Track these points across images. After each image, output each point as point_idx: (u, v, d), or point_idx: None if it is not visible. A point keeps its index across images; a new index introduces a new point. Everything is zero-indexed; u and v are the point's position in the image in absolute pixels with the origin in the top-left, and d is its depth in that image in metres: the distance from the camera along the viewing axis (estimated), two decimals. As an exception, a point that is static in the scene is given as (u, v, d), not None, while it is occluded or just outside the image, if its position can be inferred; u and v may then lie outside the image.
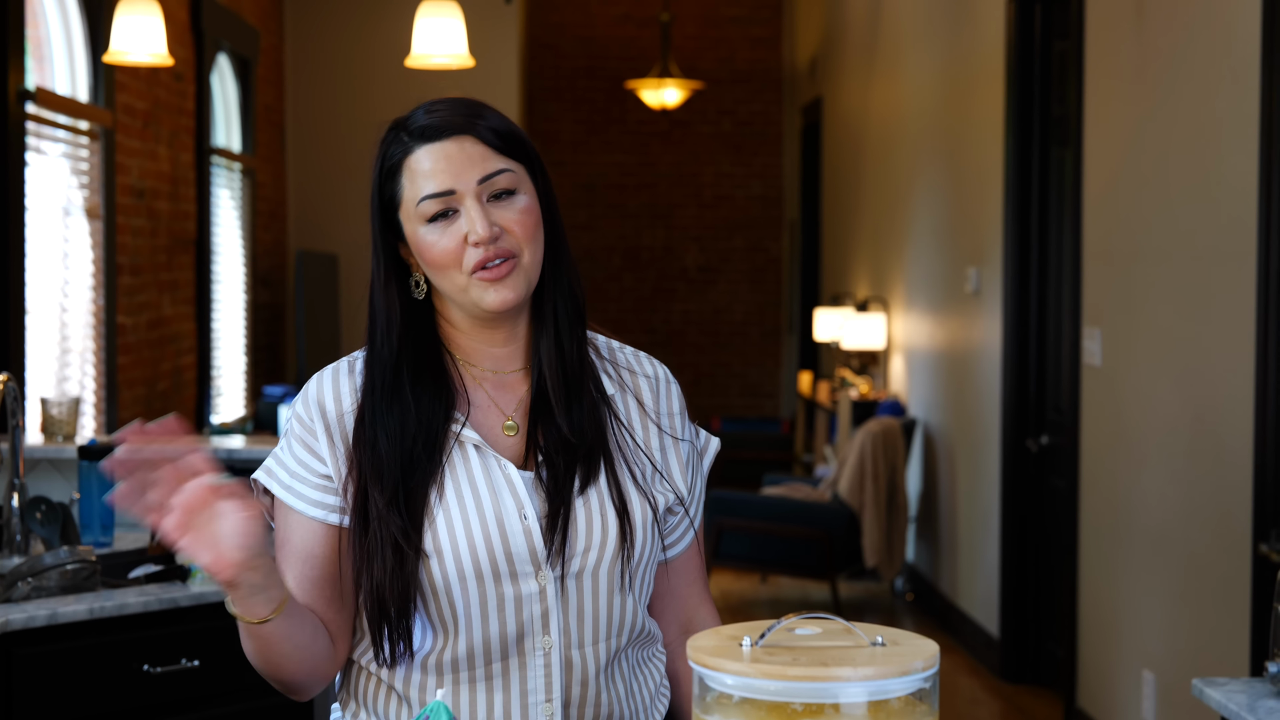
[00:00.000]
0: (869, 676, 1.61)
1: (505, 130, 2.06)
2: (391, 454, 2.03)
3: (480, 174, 2.03)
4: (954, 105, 7.86)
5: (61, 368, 6.24)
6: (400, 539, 2.00)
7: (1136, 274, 5.34)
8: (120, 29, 5.21)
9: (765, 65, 14.32)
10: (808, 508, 8.39)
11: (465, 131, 2.04)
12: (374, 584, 2.00)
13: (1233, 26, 4.51)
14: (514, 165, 2.06)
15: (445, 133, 2.04)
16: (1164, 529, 5.12)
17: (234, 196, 9.10)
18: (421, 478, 2.03)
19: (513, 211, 2.04)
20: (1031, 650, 6.80)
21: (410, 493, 2.02)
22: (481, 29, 8.57)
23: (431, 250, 2.04)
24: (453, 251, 2.03)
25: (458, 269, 2.03)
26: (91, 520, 4.08)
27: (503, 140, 2.06)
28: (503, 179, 2.04)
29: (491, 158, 2.04)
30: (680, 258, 14.35)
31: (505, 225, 2.03)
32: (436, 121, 2.05)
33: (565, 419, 2.07)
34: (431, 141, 2.05)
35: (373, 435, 2.04)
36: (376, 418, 2.05)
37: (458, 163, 2.03)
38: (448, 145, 2.04)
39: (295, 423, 2.09)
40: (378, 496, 2.01)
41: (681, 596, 2.25)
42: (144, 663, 3.58)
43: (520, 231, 2.04)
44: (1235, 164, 4.48)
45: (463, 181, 2.03)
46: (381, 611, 2.01)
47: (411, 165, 2.05)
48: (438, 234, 2.04)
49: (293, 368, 10.28)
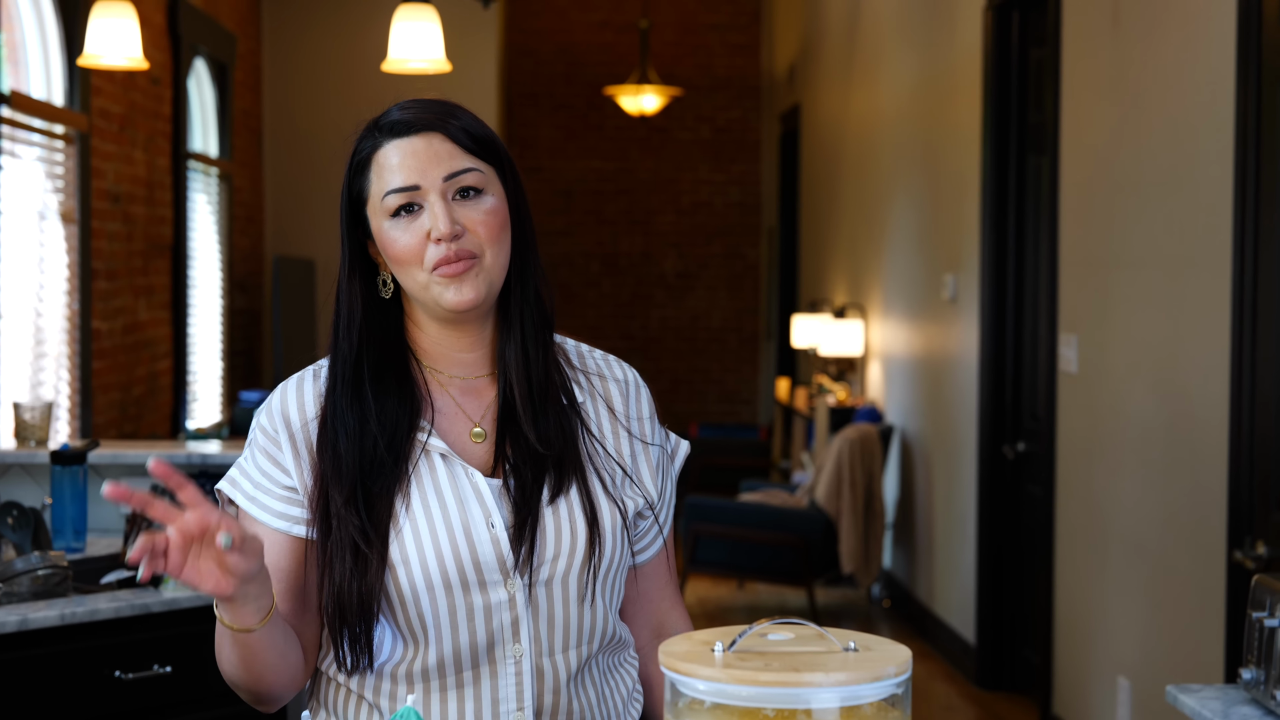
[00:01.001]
0: (841, 682, 1.61)
1: (476, 131, 2.06)
2: (350, 453, 2.01)
3: (446, 171, 2.02)
4: (931, 112, 7.88)
5: (36, 372, 6.22)
6: (359, 539, 1.98)
7: (1112, 281, 5.35)
8: (95, 32, 5.20)
9: (744, 72, 14.33)
10: (785, 514, 8.39)
11: (435, 129, 2.04)
12: (334, 587, 1.99)
13: (1208, 35, 4.53)
14: (483, 166, 2.05)
15: (415, 129, 2.04)
16: (1140, 536, 5.12)
17: (210, 201, 9.07)
18: (385, 483, 2.02)
19: (477, 212, 2.03)
20: (1007, 657, 6.80)
21: (371, 495, 2.01)
22: (459, 34, 8.56)
23: (394, 246, 2.03)
24: (414, 248, 2.02)
25: (419, 266, 2.02)
26: (64, 525, 4.07)
27: (473, 140, 2.05)
28: (469, 177, 2.03)
29: (460, 156, 2.04)
30: (658, 264, 14.36)
31: (469, 224, 2.02)
32: (408, 118, 2.05)
33: (532, 428, 2.06)
34: (401, 137, 2.04)
35: (333, 435, 2.03)
36: (337, 416, 2.04)
37: (424, 158, 2.02)
38: (416, 141, 2.03)
39: (259, 433, 2.07)
40: (336, 496, 2.00)
41: (653, 601, 2.24)
42: (116, 669, 3.56)
43: (484, 232, 2.03)
44: (1210, 171, 4.49)
45: (428, 177, 2.02)
46: (341, 617, 1.99)
47: (379, 160, 2.05)
48: (401, 229, 2.03)
49: (269, 373, 10.25)
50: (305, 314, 10.05)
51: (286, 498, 2.05)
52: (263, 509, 2.05)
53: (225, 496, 2.10)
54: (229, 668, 2.01)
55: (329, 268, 10.21)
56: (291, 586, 2.04)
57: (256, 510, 2.05)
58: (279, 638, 1.97)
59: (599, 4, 14.24)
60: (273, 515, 2.05)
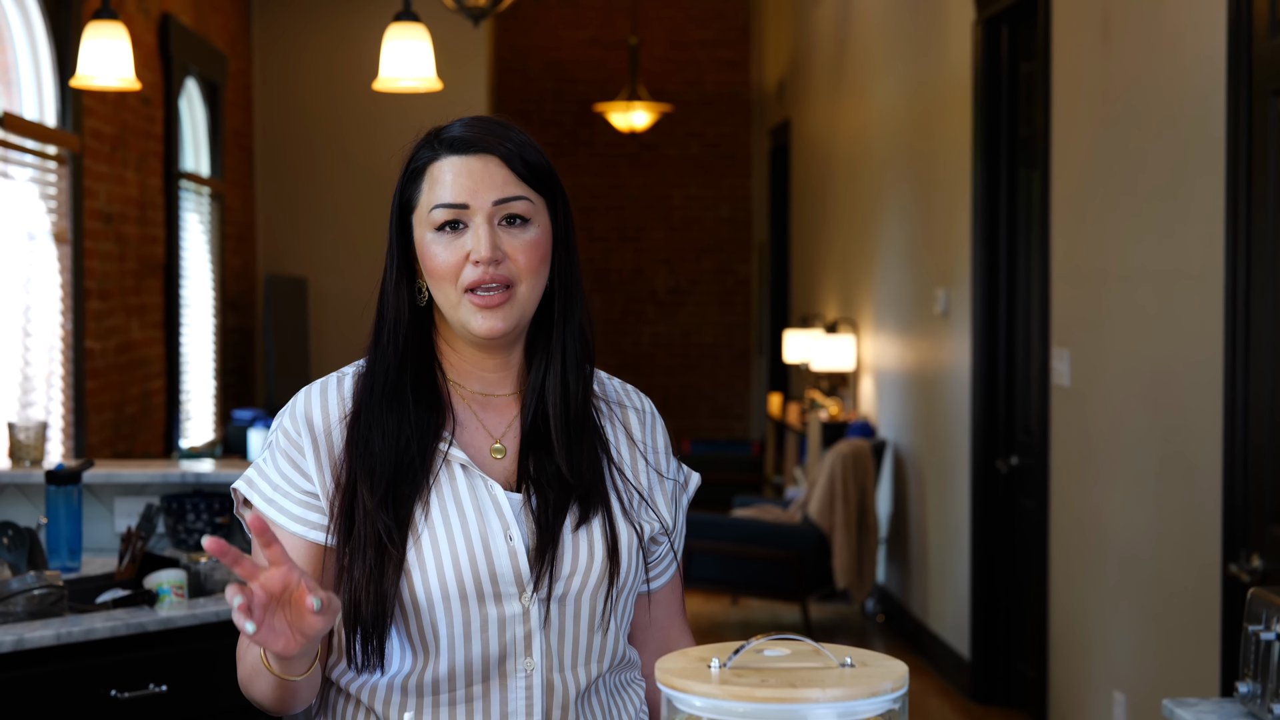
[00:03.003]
0: (838, 698, 1.61)
1: (535, 161, 2.07)
2: (386, 454, 2.03)
3: (497, 195, 2.04)
4: (922, 127, 7.89)
5: (27, 393, 6.21)
6: (385, 537, 1.99)
7: (1105, 295, 5.36)
8: (88, 53, 5.20)
9: (733, 88, 14.35)
10: (778, 529, 8.39)
11: (494, 152, 2.05)
12: (352, 585, 2.00)
13: (1198, 48, 4.54)
14: (534, 196, 2.06)
15: (474, 148, 2.05)
16: (1134, 549, 5.13)
17: (202, 221, 9.07)
18: (410, 488, 2.03)
19: (520, 240, 2.04)
20: (1002, 671, 6.80)
21: (399, 498, 2.02)
22: (449, 51, 8.57)
23: (434, 260, 2.04)
24: (453, 265, 2.03)
25: (453, 283, 2.04)
26: (59, 545, 4.06)
27: (529, 169, 2.06)
28: (518, 205, 2.05)
29: (513, 183, 2.05)
30: (649, 280, 14.36)
31: (510, 252, 2.04)
32: (470, 135, 2.06)
33: (565, 459, 2.08)
34: (459, 154, 2.05)
35: (368, 433, 2.04)
36: (373, 416, 2.05)
37: (478, 179, 2.04)
38: (473, 161, 2.05)
39: (281, 436, 2.08)
40: (366, 495, 2.01)
41: (662, 627, 2.26)
42: (112, 688, 3.55)
43: (523, 261, 2.04)
44: (1202, 184, 4.50)
45: (478, 198, 2.03)
46: (357, 614, 2.00)
47: (434, 172, 2.06)
48: (442, 245, 2.04)
49: (262, 391, 10.25)
50: (298, 332, 10.05)
51: (305, 502, 2.05)
52: (280, 511, 2.06)
53: (241, 496, 2.10)
54: (260, 698, 2.00)
55: (321, 286, 10.22)
56: None
57: (274, 512, 2.06)
58: (318, 673, 1.97)
59: (588, 21, 14.26)
60: (290, 519, 2.05)
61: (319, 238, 10.35)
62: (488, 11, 6.62)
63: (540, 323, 2.12)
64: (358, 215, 10.22)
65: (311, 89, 10.60)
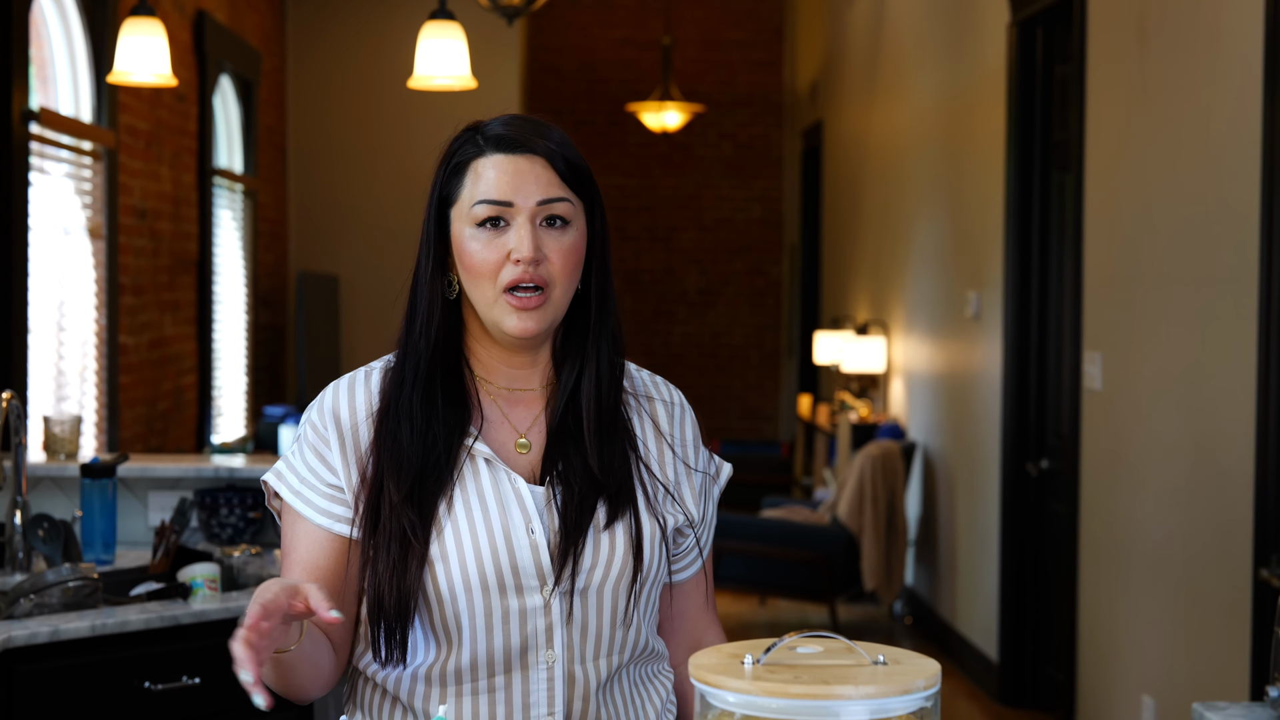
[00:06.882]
0: (870, 695, 1.62)
1: (576, 163, 2.08)
2: (414, 448, 2.04)
3: (542, 196, 2.05)
4: (955, 129, 7.88)
5: (61, 387, 6.25)
6: (410, 532, 2.01)
7: (1137, 298, 5.34)
8: (124, 50, 5.23)
9: (766, 89, 14.34)
10: (807, 530, 8.39)
11: (539, 152, 2.06)
12: (376, 578, 2.02)
13: (1235, 50, 4.53)
14: (574, 198, 2.08)
15: (520, 147, 2.06)
16: (1164, 553, 5.12)
17: (235, 217, 9.11)
18: (435, 484, 2.04)
19: (560, 243, 2.06)
20: (1030, 674, 6.79)
21: (425, 492, 2.03)
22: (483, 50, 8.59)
23: (473, 256, 2.05)
24: (493, 263, 2.04)
25: (491, 281, 2.05)
26: (93, 538, 4.09)
27: (572, 171, 2.07)
28: (560, 207, 2.06)
29: (556, 185, 2.06)
30: (680, 280, 14.37)
31: (549, 253, 2.05)
32: (515, 134, 2.07)
33: (596, 458, 2.09)
34: (505, 152, 2.06)
35: (396, 427, 2.05)
36: (402, 411, 2.06)
37: (525, 178, 2.05)
38: (519, 160, 2.06)
39: (309, 429, 2.10)
40: (393, 490, 2.03)
41: (690, 619, 2.26)
42: (145, 680, 3.58)
43: (559, 263, 2.05)
44: (1237, 188, 4.49)
45: (523, 197, 2.04)
46: (380, 608, 2.02)
47: (478, 168, 2.07)
48: (482, 242, 2.05)
49: (293, 388, 10.28)
50: (329, 329, 10.08)
51: (331, 495, 2.07)
52: (307, 504, 2.08)
53: (271, 489, 2.12)
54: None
55: (352, 283, 10.24)
56: (328, 583, 2.06)
57: (300, 505, 2.08)
58: (310, 650, 1.99)
59: (621, 21, 14.27)
60: (316, 512, 2.07)
61: (351, 235, 10.38)
62: (522, 10, 6.64)
63: (571, 324, 2.14)
64: (390, 213, 10.25)
65: (345, 86, 10.64)
